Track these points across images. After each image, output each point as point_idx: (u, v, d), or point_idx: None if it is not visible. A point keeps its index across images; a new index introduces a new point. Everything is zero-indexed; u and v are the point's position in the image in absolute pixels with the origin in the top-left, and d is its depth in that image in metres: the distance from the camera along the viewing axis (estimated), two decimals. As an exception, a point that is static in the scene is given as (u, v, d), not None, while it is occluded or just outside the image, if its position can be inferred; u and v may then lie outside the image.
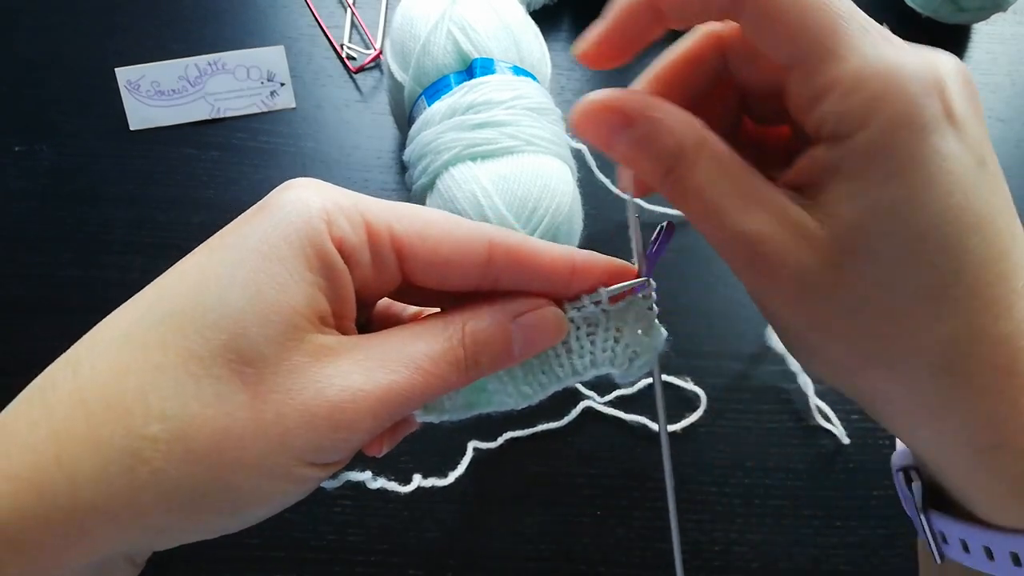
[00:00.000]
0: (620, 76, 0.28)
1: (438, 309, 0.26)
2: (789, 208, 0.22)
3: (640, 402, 0.54)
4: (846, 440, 0.53)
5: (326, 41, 0.67)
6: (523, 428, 0.53)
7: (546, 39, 0.55)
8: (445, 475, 0.50)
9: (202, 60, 0.63)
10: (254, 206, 0.23)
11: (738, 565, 0.50)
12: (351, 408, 0.20)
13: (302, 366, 0.20)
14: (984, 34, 0.71)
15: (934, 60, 0.21)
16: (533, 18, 0.55)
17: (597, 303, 0.25)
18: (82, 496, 0.19)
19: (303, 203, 0.22)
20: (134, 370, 0.20)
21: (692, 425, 0.53)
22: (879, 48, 0.21)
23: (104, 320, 0.22)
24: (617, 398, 0.54)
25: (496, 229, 0.23)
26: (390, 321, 0.27)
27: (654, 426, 0.52)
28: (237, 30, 0.67)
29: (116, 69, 0.62)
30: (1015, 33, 0.71)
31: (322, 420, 0.20)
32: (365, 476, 0.40)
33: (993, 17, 0.68)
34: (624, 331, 0.25)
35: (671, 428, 0.53)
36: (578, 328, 0.25)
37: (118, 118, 0.62)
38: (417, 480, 0.49)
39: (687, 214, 0.23)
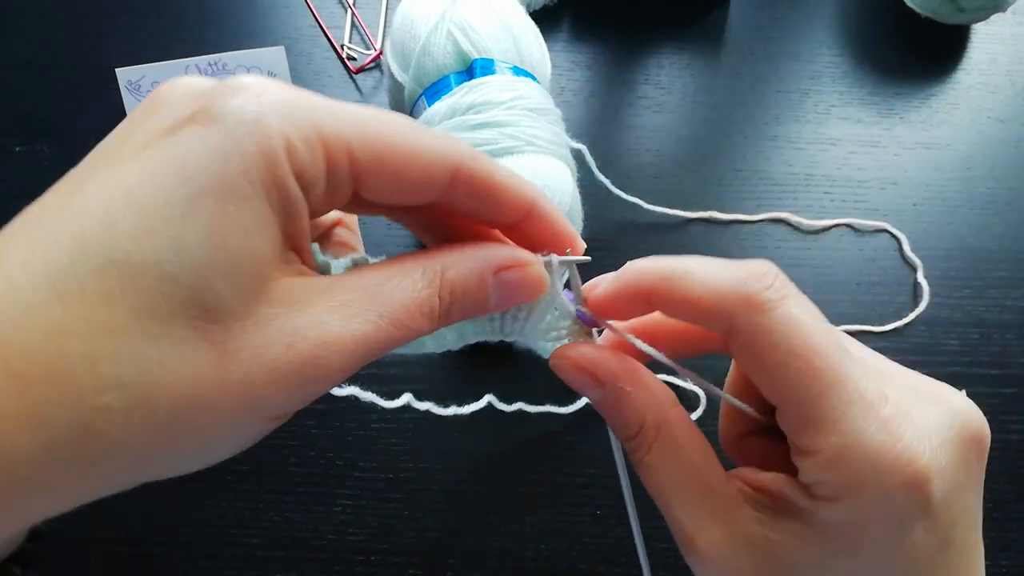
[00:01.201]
0: (621, 77, 0.28)
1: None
2: (739, 515, 0.23)
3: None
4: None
5: (326, 41, 0.67)
6: (534, 404, 0.53)
7: (546, 39, 0.55)
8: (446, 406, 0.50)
9: (202, 60, 0.63)
10: (174, 101, 0.19)
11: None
12: (323, 362, 0.19)
13: (270, 317, 0.18)
14: (984, 34, 0.71)
15: (916, 443, 0.21)
16: (533, 18, 0.55)
17: (546, 266, 0.24)
18: (19, 477, 0.16)
19: (256, 126, 0.18)
20: (75, 331, 0.16)
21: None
22: (866, 427, 0.21)
23: (1, 243, 0.18)
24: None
25: (464, 152, 0.22)
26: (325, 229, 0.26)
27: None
28: (237, 30, 0.67)
29: (116, 69, 0.62)
30: (1015, 33, 0.71)
31: (293, 377, 0.18)
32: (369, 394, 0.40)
33: (993, 17, 0.68)
34: (557, 308, 0.25)
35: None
36: None
37: (118, 118, 0.61)
38: (407, 398, 0.48)
39: (641, 480, 0.24)
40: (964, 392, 0.24)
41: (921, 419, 0.22)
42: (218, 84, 0.19)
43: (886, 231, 0.61)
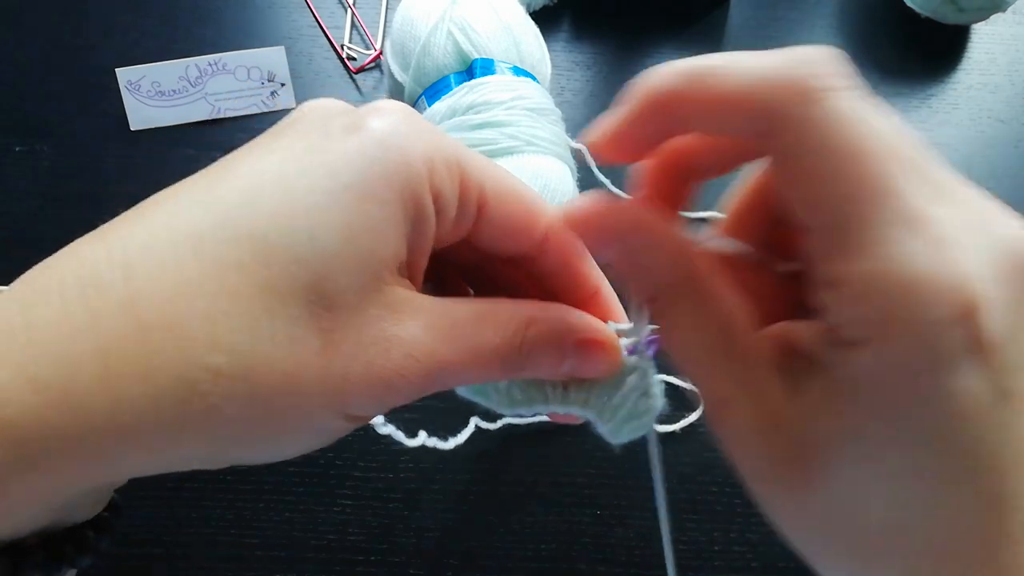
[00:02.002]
0: (621, 77, 0.28)
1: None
2: (766, 388, 0.19)
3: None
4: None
5: (326, 41, 0.67)
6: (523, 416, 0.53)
7: (546, 39, 0.56)
8: (445, 439, 0.50)
9: (203, 60, 0.63)
10: (325, 114, 0.20)
11: (738, 565, 0.50)
12: (409, 375, 0.19)
13: (376, 319, 0.19)
14: (984, 34, 0.71)
15: (968, 270, 0.17)
16: (533, 18, 0.55)
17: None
18: (122, 422, 0.17)
19: (405, 141, 0.19)
20: (202, 291, 0.17)
21: (692, 425, 0.53)
22: (909, 249, 0.17)
23: (149, 206, 0.19)
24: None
25: (554, 213, 0.23)
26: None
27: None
28: (237, 30, 0.67)
29: (116, 69, 0.62)
30: (1015, 33, 0.71)
31: (381, 382, 0.19)
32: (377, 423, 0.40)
33: (993, 17, 0.68)
34: (622, 387, 0.24)
35: (670, 428, 0.53)
36: None
37: (118, 118, 0.62)
38: (422, 437, 0.49)
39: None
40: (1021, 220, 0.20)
41: (977, 245, 0.18)
42: (365, 105, 0.21)
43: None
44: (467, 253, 0.24)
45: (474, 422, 0.51)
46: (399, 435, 0.47)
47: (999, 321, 0.17)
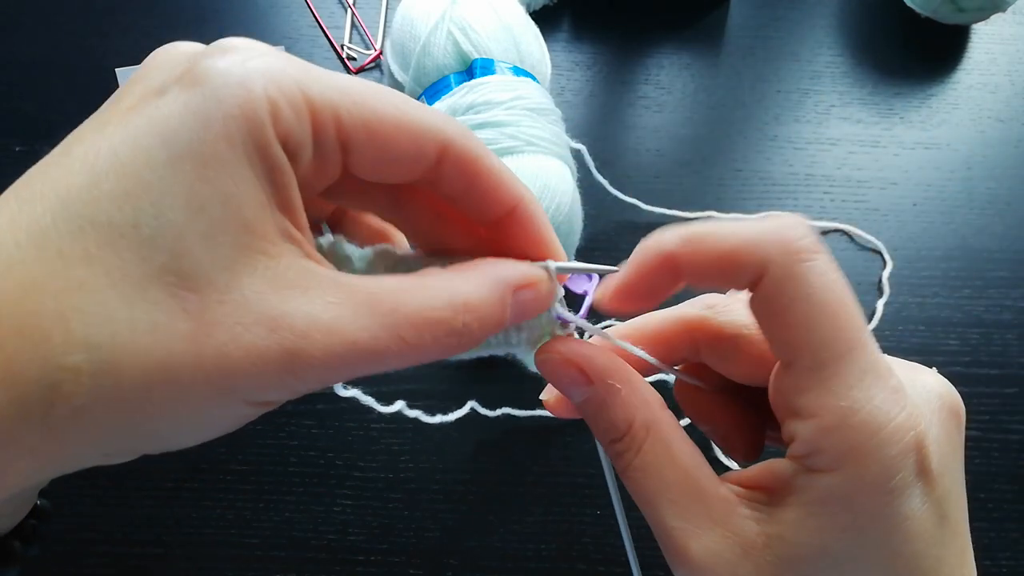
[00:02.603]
0: (621, 77, 0.28)
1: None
2: (734, 517, 0.22)
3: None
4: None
5: (326, 41, 0.67)
6: (522, 409, 0.53)
7: (546, 39, 0.56)
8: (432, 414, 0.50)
9: (202, 60, 0.63)
10: (164, 65, 0.19)
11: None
12: (306, 356, 0.17)
13: (256, 296, 0.17)
14: (984, 34, 0.71)
15: (916, 412, 0.21)
16: (533, 18, 0.55)
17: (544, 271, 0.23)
18: None
19: (240, 89, 0.18)
20: (51, 289, 0.16)
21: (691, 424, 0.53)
22: (875, 395, 0.21)
23: None
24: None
25: (452, 129, 0.21)
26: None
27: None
28: (237, 30, 0.67)
29: (116, 69, 0.62)
30: (1015, 33, 0.71)
31: (272, 364, 0.17)
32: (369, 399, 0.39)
33: (993, 17, 0.68)
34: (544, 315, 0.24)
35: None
36: None
37: (118, 118, 0.62)
38: (399, 405, 0.48)
39: (627, 487, 0.24)
40: (935, 369, 0.24)
41: (916, 392, 0.22)
42: (204, 48, 0.19)
43: (879, 253, 0.61)
44: (365, 188, 0.22)
45: (470, 404, 0.51)
46: (369, 401, 0.45)
47: (938, 455, 0.21)
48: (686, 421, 0.55)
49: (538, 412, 0.52)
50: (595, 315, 0.54)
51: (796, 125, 0.66)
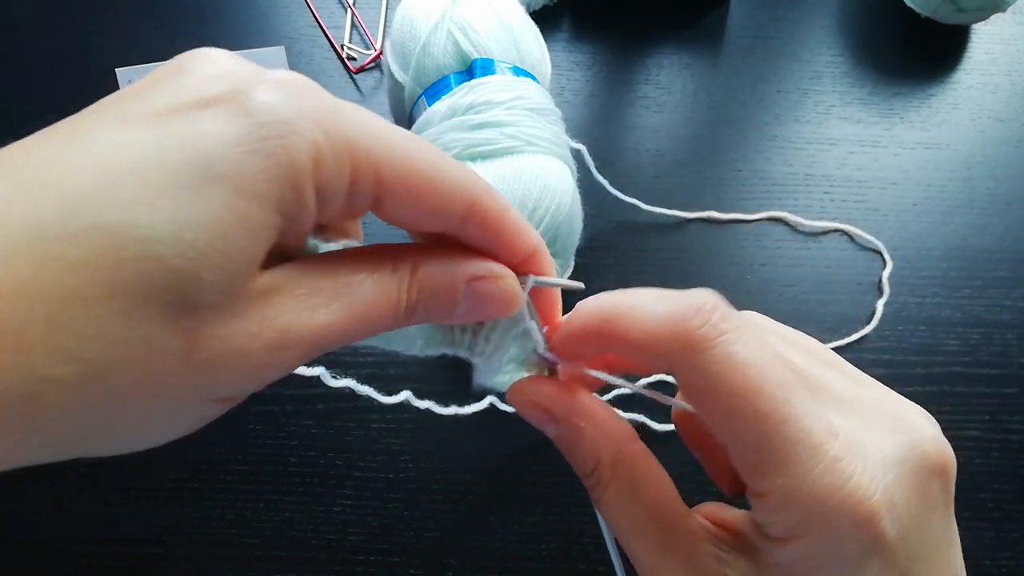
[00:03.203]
0: (621, 77, 0.28)
1: None
2: (698, 552, 0.22)
3: (639, 401, 0.54)
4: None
5: (326, 41, 0.67)
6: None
7: (546, 39, 0.55)
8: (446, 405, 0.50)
9: (202, 60, 0.63)
10: (205, 75, 0.18)
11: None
12: (282, 351, 0.18)
13: (244, 310, 0.17)
14: (984, 34, 0.71)
15: (866, 480, 0.20)
16: (533, 18, 0.55)
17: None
18: None
19: (289, 128, 0.17)
20: (41, 295, 0.15)
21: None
22: (812, 468, 0.20)
23: None
24: (616, 397, 0.54)
25: (481, 187, 0.21)
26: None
27: (654, 425, 0.52)
28: (237, 30, 0.67)
29: (116, 69, 0.62)
30: (1015, 33, 0.71)
31: (252, 364, 0.18)
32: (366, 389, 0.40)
33: (993, 17, 0.68)
34: (522, 341, 0.25)
35: (669, 428, 0.53)
36: None
37: (118, 118, 0.62)
38: (405, 395, 0.48)
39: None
40: (929, 416, 0.23)
41: (876, 451, 0.21)
42: (251, 70, 0.18)
43: (879, 253, 0.61)
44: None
45: (489, 400, 0.51)
46: (367, 390, 0.45)
47: (898, 520, 0.21)
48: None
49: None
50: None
51: (796, 125, 0.66)
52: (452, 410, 0.50)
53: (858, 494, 0.20)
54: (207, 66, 0.18)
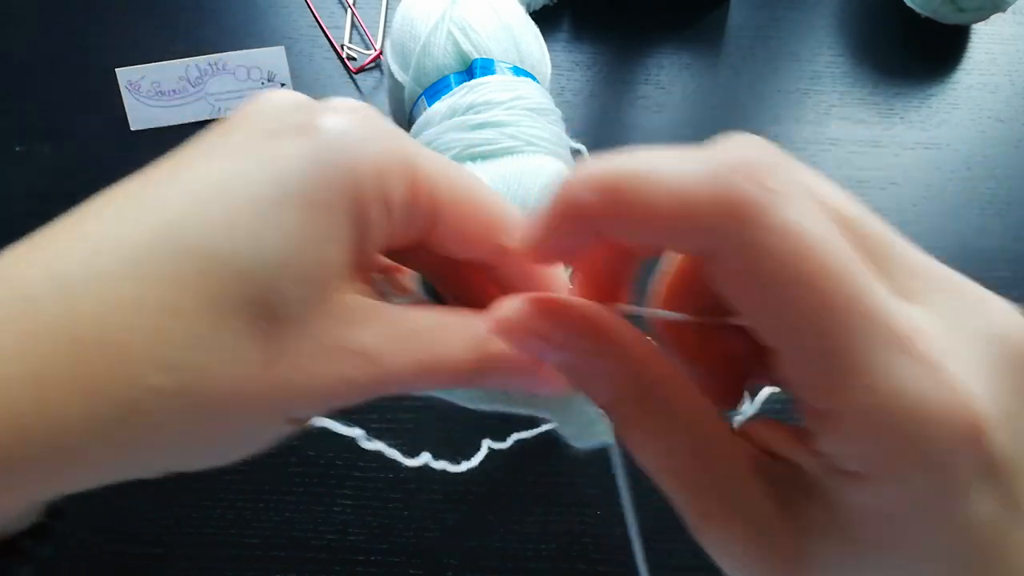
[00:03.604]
0: (621, 77, 0.28)
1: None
2: (752, 499, 0.18)
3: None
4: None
5: (326, 41, 0.67)
6: (529, 430, 0.53)
7: (546, 39, 0.55)
8: (457, 462, 0.50)
9: (203, 60, 0.63)
10: (275, 111, 0.19)
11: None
12: (354, 382, 0.19)
13: (323, 329, 0.18)
14: (984, 34, 0.71)
15: (967, 387, 0.15)
16: (533, 18, 0.55)
17: None
18: (60, 445, 0.16)
19: (355, 145, 0.19)
20: (142, 308, 0.16)
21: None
22: (903, 374, 0.15)
23: (88, 215, 0.18)
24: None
25: (519, 220, 0.21)
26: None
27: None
28: (237, 30, 0.67)
29: (116, 69, 0.62)
30: (1015, 33, 0.71)
31: (324, 390, 0.19)
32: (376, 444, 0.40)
33: (993, 17, 0.68)
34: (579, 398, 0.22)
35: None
36: None
37: (119, 118, 0.62)
38: (425, 458, 0.48)
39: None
40: (1012, 307, 0.18)
41: (969, 345, 0.16)
42: (313, 102, 0.20)
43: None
44: (429, 255, 0.23)
45: (486, 444, 0.51)
46: (394, 454, 0.46)
47: (1004, 426, 0.16)
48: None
49: (545, 428, 0.52)
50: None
51: (796, 125, 0.66)
52: (464, 467, 0.50)
53: (962, 400, 0.15)
54: (276, 102, 0.20)
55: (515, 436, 0.52)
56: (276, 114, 0.19)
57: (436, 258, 0.23)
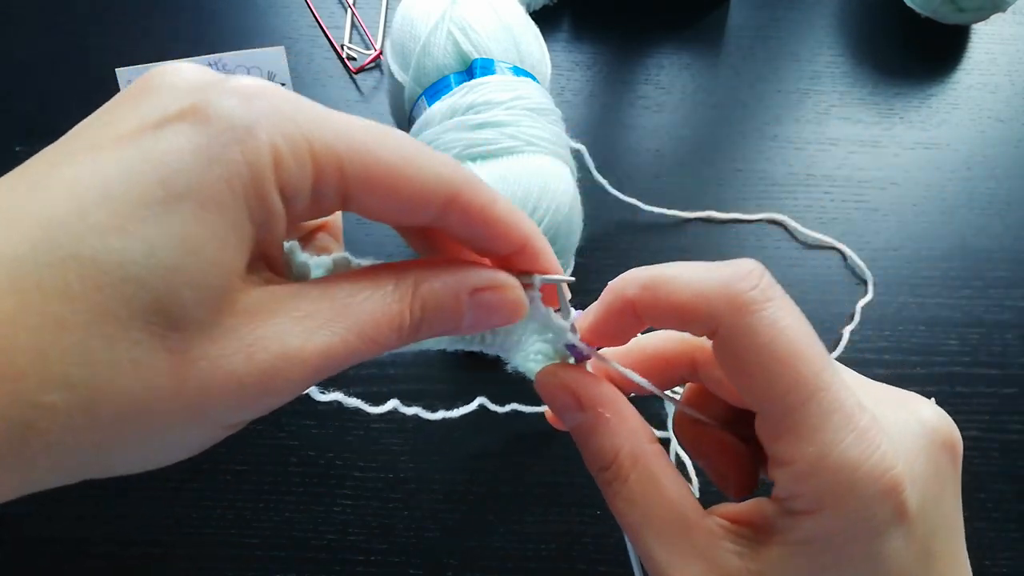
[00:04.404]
0: (621, 77, 0.28)
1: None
2: (718, 551, 0.22)
3: (639, 401, 0.54)
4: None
5: (326, 41, 0.67)
6: (529, 405, 0.53)
7: (546, 39, 0.55)
8: (435, 410, 0.50)
9: (202, 60, 0.63)
10: (163, 94, 0.18)
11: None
12: (283, 374, 0.18)
13: (233, 328, 0.18)
14: (983, 34, 0.71)
15: (892, 451, 0.21)
16: (533, 18, 0.55)
17: (528, 287, 0.23)
18: None
19: (245, 133, 0.18)
20: (27, 324, 0.15)
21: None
22: (843, 437, 0.21)
23: None
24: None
25: (463, 178, 0.21)
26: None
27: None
28: (237, 30, 0.67)
29: (116, 69, 0.62)
30: (1015, 33, 0.71)
31: (251, 388, 0.18)
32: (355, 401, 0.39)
33: (992, 17, 0.68)
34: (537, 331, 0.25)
35: (665, 434, 0.53)
36: None
37: (118, 118, 0.62)
38: (393, 403, 0.48)
39: (615, 517, 0.24)
40: (933, 400, 0.24)
41: (894, 429, 0.22)
42: (212, 81, 0.19)
43: (864, 282, 0.61)
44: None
45: (479, 401, 0.51)
46: (355, 402, 0.45)
47: (920, 493, 0.21)
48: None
49: (544, 408, 0.52)
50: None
51: (796, 125, 0.66)
52: (440, 415, 0.50)
53: (884, 463, 0.20)
54: (169, 81, 0.19)
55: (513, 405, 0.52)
56: (166, 96, 0.18)
57: (410, 235, 0.23)
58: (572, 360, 0.26)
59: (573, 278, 0.26)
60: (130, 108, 0.18)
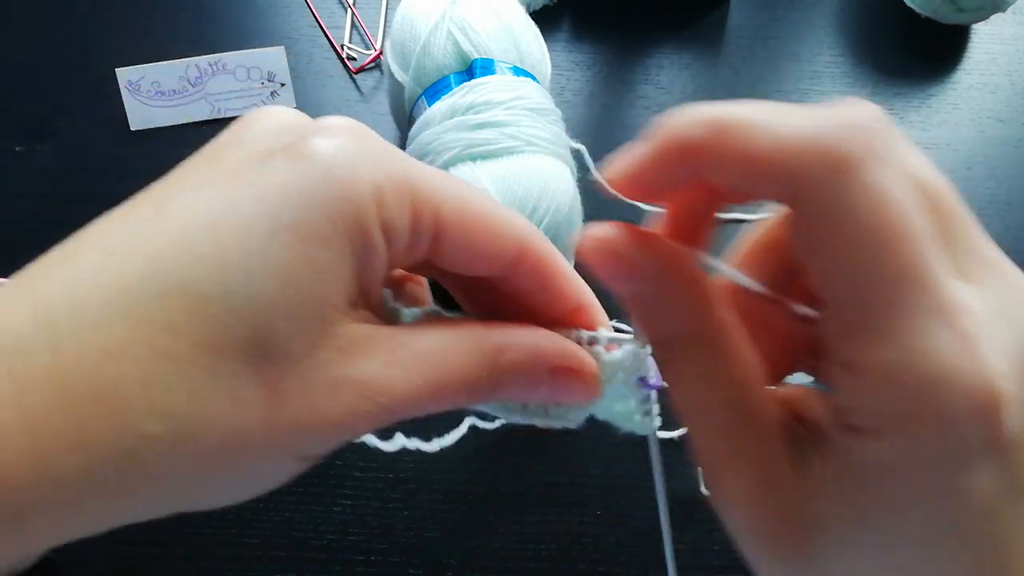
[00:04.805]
0: (621, 77, 0.28)
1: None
2: (772, 458, 0.19)
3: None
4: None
5: (326, 41, 0.67)
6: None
7: (546, 39, 0.55)
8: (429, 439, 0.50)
9: (203, 60, 0.63)
10: (265, 133, 0.19)
11: (737, 565, 0.50)
12: (363, 414, 0.18)
13: (325, 363, 0.18)
14: (984, 34, 0.71)
15: (993, 365, 0.16)
16: (533, 18, 0.55)
17: (592, 344, 0.22)
18: (56, 498, 0.16)
19: (349, 171, 0.18)
20: (133, 354, 0.16)
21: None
22: (930, 345, 0.16)
23: (78, 251, 0.18)
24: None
25: (529, 232, 0.21)
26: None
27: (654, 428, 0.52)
28: (237, 30, 0.67)
29: (116, 69, 0.62)
30: (1015, 33, 0.71)
31: (333, 426, 0.18)
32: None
33: (993, 17, 0.68)
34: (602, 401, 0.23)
35: (670, 434, 0.53)
36: None
37: (119, 118, 0.62)
38: (400, 440, 0.48)
39: (672, 395, 0.20)
40: None
41: (1005, 337, 0.17)
42: (309, 121, 0.19)
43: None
44: (438, 270, 0.23)
45: (468, 422, 0.51)
46: (372, 440, 0.46)
47: (1020, 420, 0.16)
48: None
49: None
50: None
51: (796, 125, 0.66)
52: (435, 445, 0.50)
53: (983, 374, 0.16)
54: (268, 121, 0.19)
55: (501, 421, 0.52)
56: (267, 135, 0.19)
57: (449, 273, 0.23)
58: (646, 392, 0.23)
59: (639, 341, 0.23)
60: (234, 146, 0.19)
